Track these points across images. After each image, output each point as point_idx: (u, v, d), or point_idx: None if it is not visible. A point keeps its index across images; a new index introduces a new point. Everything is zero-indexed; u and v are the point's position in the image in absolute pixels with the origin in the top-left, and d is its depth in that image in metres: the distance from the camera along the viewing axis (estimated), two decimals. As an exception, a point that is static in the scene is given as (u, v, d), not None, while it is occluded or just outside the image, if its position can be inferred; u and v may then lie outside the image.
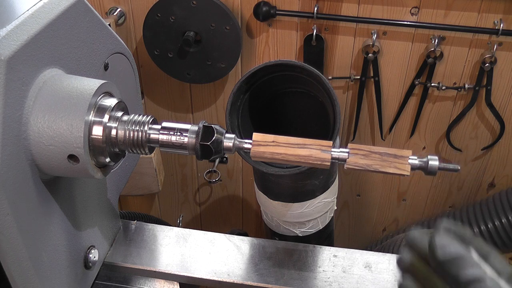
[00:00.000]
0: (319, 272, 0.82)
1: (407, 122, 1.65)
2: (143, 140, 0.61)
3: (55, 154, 0.58)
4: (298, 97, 1.13)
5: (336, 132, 0.97)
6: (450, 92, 1.55)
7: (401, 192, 1.84)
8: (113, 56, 0.77)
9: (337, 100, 0.97)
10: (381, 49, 1.50)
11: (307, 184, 1.12)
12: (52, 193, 0.64)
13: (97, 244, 0.79)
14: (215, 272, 0.82)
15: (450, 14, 1.41)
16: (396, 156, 0.55)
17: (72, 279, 0.71)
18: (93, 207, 0.77)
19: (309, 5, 1.45)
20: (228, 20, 1.45)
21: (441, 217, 1.76)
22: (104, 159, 0.62)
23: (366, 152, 0.56)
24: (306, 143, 0.57)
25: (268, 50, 1.56)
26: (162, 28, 1.48)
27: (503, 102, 1.54)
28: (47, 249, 0.64)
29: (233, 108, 1.01)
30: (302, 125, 1.19)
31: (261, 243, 0.87)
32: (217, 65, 1.54)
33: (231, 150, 0.60)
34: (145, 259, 0.84)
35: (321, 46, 1.51)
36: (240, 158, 1.79)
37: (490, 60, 1.44)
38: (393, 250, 1.57)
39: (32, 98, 0.57)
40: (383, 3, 1.42)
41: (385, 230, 1.97)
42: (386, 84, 1.57)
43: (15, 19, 0.57)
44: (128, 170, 0.89)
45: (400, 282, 0.52)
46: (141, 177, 1.59)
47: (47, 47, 0.60)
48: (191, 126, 0.61)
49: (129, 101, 0.70)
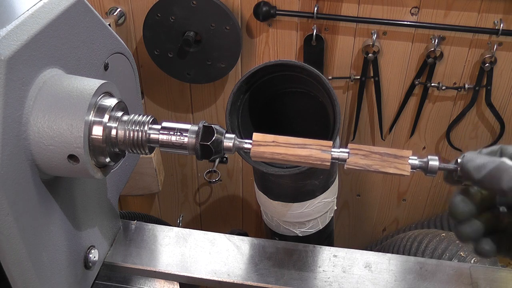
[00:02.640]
0: (319, 272, 0.82)
1: (407, 122, 1.65)
2: (143, 140, 0.61)
3: (55, 154, 0.58)
4: (298, 97, 1.13)
5: (336, 132, 0.97)
6: (450, 92, 1.55)
7: (401, 192, 1.84)
8: (113, 56, 0.77)
9: (337, 100, 0.97)
10: (381, 49, 1.50)
11: (307, 184, 1.12)
12: (52, 193, 0.64)
13: (97, 244, 0.79)
14: (215, 272, 0.82)
15: (450, 14, 1.41)
16: (396, 156, 0.55)
17: (72, 279, 0.71)
18: (93, 207, 0.77)
19: (309, 5, 1.45)
20: (228, 20, 1.45)
21: (441, 217, 1.76)
22: (104, 159, 0.62)
23: (366, 152, 0.56)
24: (306, 143, 0.57)
25: (268, 50, 1.56)
26: (162, 28, 1.48)
27: (503, 102, 1.54)
28: (47, 249, 0.64)
29: (233, 108, 1.01)
30: (302, 125, 1.19)
31: (261, 243, 0.87)
32: (217, 65, 1.53)
33: (231, 150, 0.60)
34: (145, 259, 0.84)
35: (321, 46, 1.51)
36: (240, 158, 1.79)
37: (490, 60, 1.44)
38: (393, 250, 1.57)
39: (32, 98, 0.57)
40: (383, 3, 1.42)
41: (385, 230, 1.97)
42: (386, 84, 1.57)
43: (15, 19, 0.57)
44: (128, 170, 0.89)
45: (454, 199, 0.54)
46: (141, 177, 1.59)
47: (47, 47, 0.60)
48: (191, 126, 0.61)
49: (129, 101, 0.70)
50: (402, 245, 1.52)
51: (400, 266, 0.83)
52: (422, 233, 1.52)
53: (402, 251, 1.50)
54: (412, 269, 0.82)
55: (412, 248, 1.47)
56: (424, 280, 0.80)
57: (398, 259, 0.84)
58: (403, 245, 1.51)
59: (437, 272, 0.81)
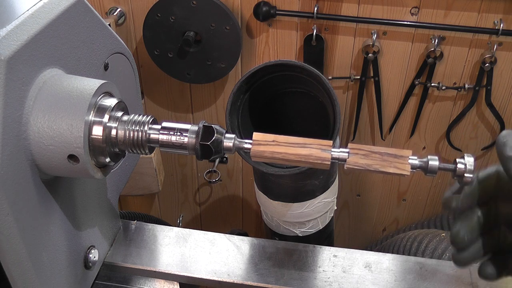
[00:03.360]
0: (319, 272, 0.82)
1: (407, 122, 1.65)
2: (143, 140, 0.61)
3: (55, 154, 0.58)
4: (298, 97, 1.13)
5: (336, 132, 0.97)
6: (450, 92, 1.55)
7: (401, 192, 1.84)
8: (113, 56, 0.77)
9: (337, 100, 0.97)
10: (381, 49, 1.50)
11: (307, 184, 1.12)
12: (52, 193, 0.64)
13: (97, 244, 0.79)
14: (215, 272, 0.82)
15: (450, 14, 1.41)
16: (396, 156, 0.55)
17: (72, 279, 0.71)
18: (93, 207, 0.77)
19: (309, 5, 1.45)
20: (228, 20, 1.45)
21: (441, 217, 1.76)
22: (104, 159, 0.62)
23: (366, 152, 0.56)
24: (306, 143, 0.57)
25: (268, 50, 1.56)
26: (162, 28, 1.48)
27: (503, 102, 1.54)
28: (47, 249, 0.64)
29: (233, 108, 1.01)
30: (302, 125, 1.19)
31: (261, 243, 0.87)
32: (217, 65, 1.53)
33: (231, 150, 0.60)
34: (145, 259, 0.84)
35: (321, 46, 1.51)
36: (240, 158, 1.79)
37: (490, 60, 1.44)
38: (393, 250, 1.56)
39: (32, 98, 0.57)
40: (383, 3, 1.42)
41: (385, 230, 1.97)
42: (386, 84, 1.57)
43: (15, 19, 0.57)
44: (128, 170, 0.89)
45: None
46: (141, 177, 1.59)
47: (47, 47, 0.60)
48: (191, 126, 0.61)
49: (129, 101, 0.70)
50: (402, 245, 1.52)
51: (400, 266, 0.83)
52: (422, 233, 1.52)
53: (402, 251, 1.50)
54: (412, 269, 0.82)
55: (412, 248, 1.47)
56: (424, 280, 0.80)
57: (398, 259, 0.84)
58: (403, 245, 1.51)
59: (437, 272, 0.81)
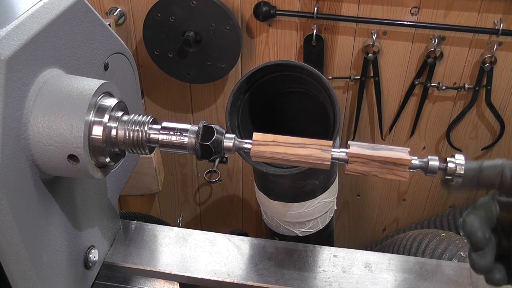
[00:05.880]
0: (319, 272, 0.82)
1: (407, 122, 1.65)
2: (143, 140, 0.61)
3: (55, 154, 0.58)
4: (298, 97, 1.13)
5: (336, 132, 0.97)
6: (450, 92, 1.55)
7: (401, 192, 1.84)
8: (113, 56, 0.77)
9: (337, 100, 0.97)
10: (381, 49, 1.50)
11: (307, 184, 1.12)
12: (52, 193, 0.64)
13: (97, 244, 0.79)
14: (215, 272, 0.82)
15: (450, 14, 1.41)
16: (395, 164, 0.55)
17: (72, 279, 0.71)
18: (93, 207, 0.77)
19: (309, 5, 1.45)
20: (228, 20, 1.45)
21: (441, 217, 1.76)
22: (104, 159, 0.62)
23: (365, 160, 0.55)
24: (306, 143, 0.57)
25: (268, 50, 1.56)
26: (162, 28, 1.48)
27: (503, 102, 1.54)
28: (47, 249, 0.64)
29: (233, 108, 1.01)
30: (302, 125, 1.19)
31: (261, 243, 0.87)
32: (217, 65, 1.53)
33: (231, 150, 0.60)
34: (145, 259, 0.84)
35: (321, 46, 1.51)
36: (240, 158, 1.79)
37: (490, 60, 1.44)
38: (393, 250, 1.56)
39: (32, 98, 0.57)
40: (383, 3, 1.42)
41: (385, 230, 1.97)
42: (386, 84, 1.57)
43: (15, 19, 0.57)
44: (128, 170, 0.89)
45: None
46: (141, 177, 1.59)
47: (47, 47, 0.60)
48: (191, 126, 0.61)
49: (129, 101, 0.70)
50: (402, 245, 1.52)
51: (400, 266, 0.83)
52: (422, 233, 1.52)
53: (402, 251, 1.50)
54: (412, 269, 0.82)
55: (412, 248, 1.47)
56: (424, 280, 0.80)
57: (398, 259, 0.84)
58: (403, 245, 1.51)
59: (437, 272, 0.81)
